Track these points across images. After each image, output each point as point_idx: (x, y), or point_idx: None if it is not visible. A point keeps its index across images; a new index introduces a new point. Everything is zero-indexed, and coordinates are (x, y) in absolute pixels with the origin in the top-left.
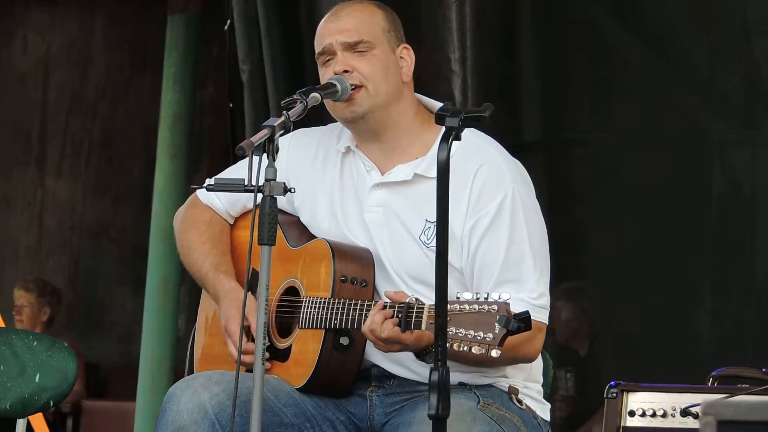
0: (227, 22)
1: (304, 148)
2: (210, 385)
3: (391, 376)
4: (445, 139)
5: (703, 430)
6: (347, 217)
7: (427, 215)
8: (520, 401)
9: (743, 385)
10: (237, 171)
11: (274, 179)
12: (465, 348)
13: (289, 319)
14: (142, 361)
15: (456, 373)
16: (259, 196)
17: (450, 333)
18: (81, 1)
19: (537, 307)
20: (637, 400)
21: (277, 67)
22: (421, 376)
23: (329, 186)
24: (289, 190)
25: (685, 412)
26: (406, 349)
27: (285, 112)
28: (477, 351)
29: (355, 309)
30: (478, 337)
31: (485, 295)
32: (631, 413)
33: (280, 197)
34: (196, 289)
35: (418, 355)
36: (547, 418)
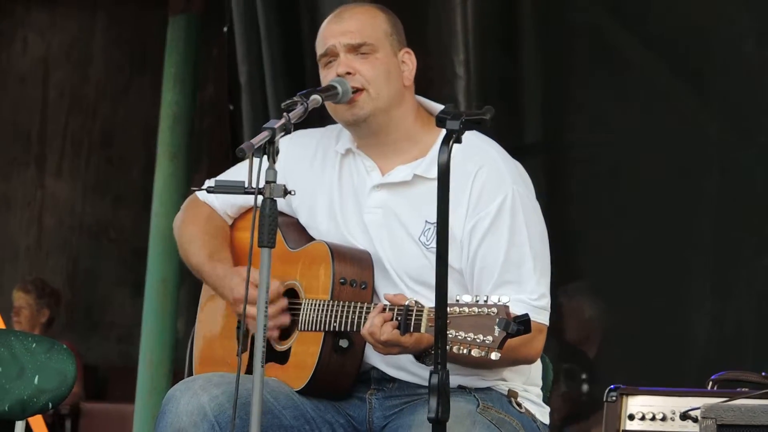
0: (227, 24)
1: (303, 148)
2: (209, 387)
3: (391, 379)
4: (446, 142)
5: None
6: (346, 218)
7: (427, 216)
8: (519, 404)
9: (743, 389)
10: (237, 173)
11: (275, 181)
12: (464, 351)
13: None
14: (141, 363)
15: (455, 376)
16: (259, 198)
17: (449, 336)
18: (81, 2)
19: (537, 309)
20: (637, 404)
21: (277, 69)
22: (421, 378)
23: (328, 187)
24: (290, 193)
25: (684, 416)
26: (405, 351)
27: (285, 114)
28: (476, 354)
29: (354, 311)
30: (478, 340)
31: (485, 298)
32: (631, 417)
33: (280, 199)
34: (196, 291)
35: (418, 357)
36: (547, 421)
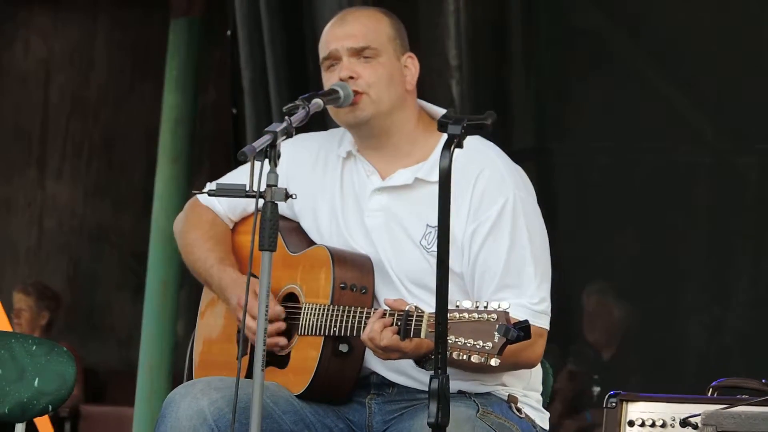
0: (230, 28)
1: (305, 153)
2: (209, 391)
3: (391, 384)
4: (447, 146)
5: None
6: (348, 221)
7: (428, 220)
8: (519, 410)
9: (743, 396)
10: (238, 176)
11: (276, 185)
12: (464, 356)
13: (288, 326)
14: (141, 366)
15: (455, 381)
16: (260, 202)
17: (449, 341)
18: (83, 4)
19: (538, 313)
20: (637, 410)
21: (280, 73)
22: (421, 383)
23: (330, 191)
24: (291, 196)
25: (684, 423)
26: (405, 356)
27: (287, 117)
28: (476, 360)
29: (354, 316)
30: (477, 346)
31: (485, 304)
32: (631, 423)
33: (281, 202)
34: (196, 294)
35: (418, 362)
36: (546, 426)
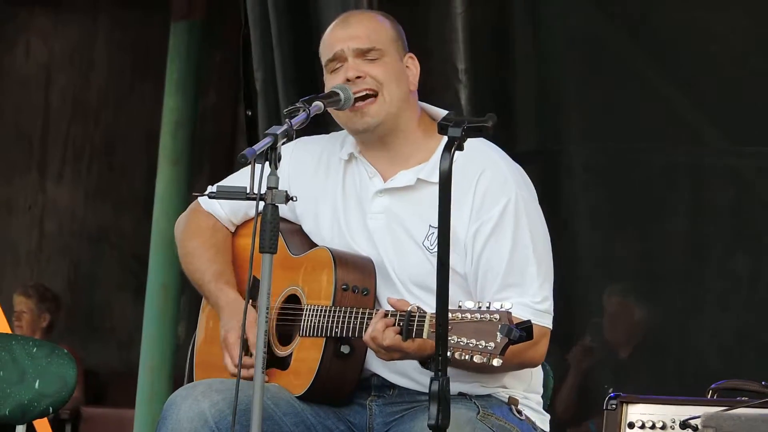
0: (243, 29)
1: (307, 156)
2: (210, 393)
3: (391, 386)
4: (448, 149)
5: None
6: (350, 224)
7: (431, 221)
8: (519, 412)
9: (743, 398)
10: (239, 178)
11: (276, 187)
12: (466, 357)
13: (289, 328)
14: (141, 368)
15: (456, 383)
16: (261, 204)
17: (452, 342)
18: (84, 7)
19: (540, 312)
20: (637, 412)
21: (288, 75)
22: (422, 385)
23: (332, 193)
24: (291, 199)
25: (684, 425)
26: (407, 357)
27: (288, 120)
28: (478, 360)
29: (356, 317)
30: (480, 346)
31: (487, 304)
32: (631, 425)
33: (282, 205)
34: (197, 297)
35: (423, 363)
36: (547, 428)
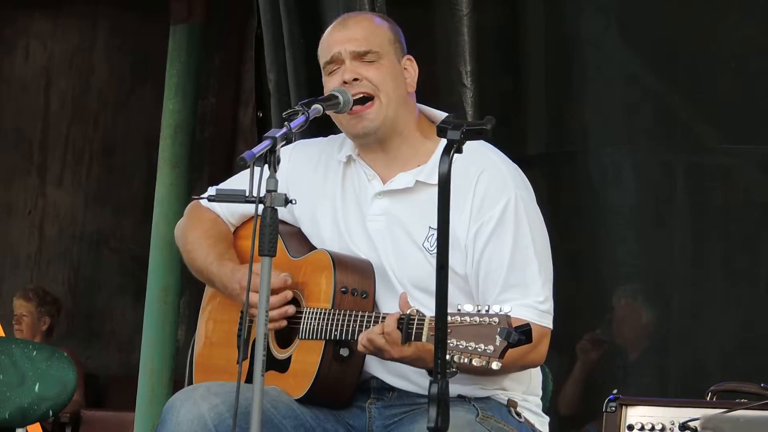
0: (257, 30)
1: (306, 158)
2: (209, 397)
3: (391, 389)
4: (447, 152)
5: None
6: (349, 226)
7: (431, 222)
8: (518, 414)
9: (742, 400)
10: (238, 181)
11: (275, 190)
12: (465, 360)
13: (289, 330)
14: (141, 371)
15: (455, 386)
16: (260, 207)
17: (451, 345)
18: (83, 10)
19: (542, 312)
20: (636, 414)
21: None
22: (421, 387)
23: (331, 196)
24: (290, 201)
25: (683, 427)
26: (404, 360)
27: (286, 123)
28: (477, 363)
29: (355, 320)
30: (479, 349)
31: (486, 308)
32: (630, 427)
33: (282, 208)
34: (196, 300)
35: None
36: (546, 431)
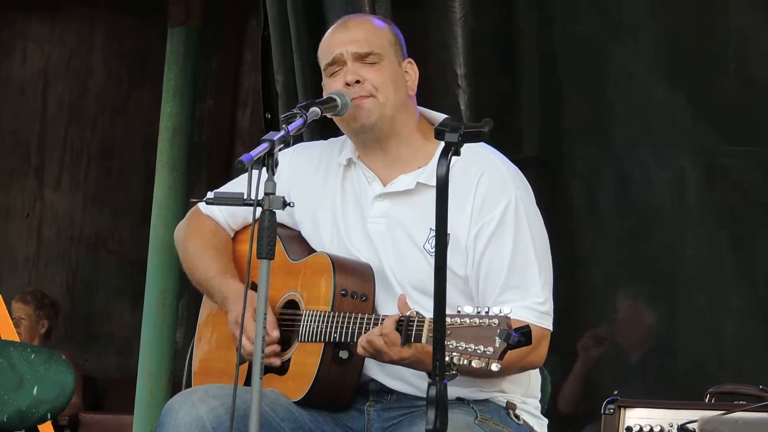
0: (264, 31)
1: (306, 161)
2: (208, 399)
3: (389, 391)
4: (445, 154)
5: None
6: (349, 229)
7: (431, 224)
8: (517, 416)
9: (740, 402)
10: (237, 185)
11: (274, 193)
12: (465, 361)
13: (288, 333)
14: (140, 374)
15: (454, 388)
16: (259, 210)
17: (450, 346)
18: (81, 14)
19: (542, 314)
20: (634, 416)
21: (307, 78)
22: (420, 390)
23: (331, 198)
24: (289, 204)
25: (682, 429)
26: (403, 362)
27: (284, 126)
28: (476, 364)
29: (354, 323)
30: (478, 351)
31: (486, 309)
32: (629, 429)
33: (281, 211)
34: (195, 303)
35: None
36: None
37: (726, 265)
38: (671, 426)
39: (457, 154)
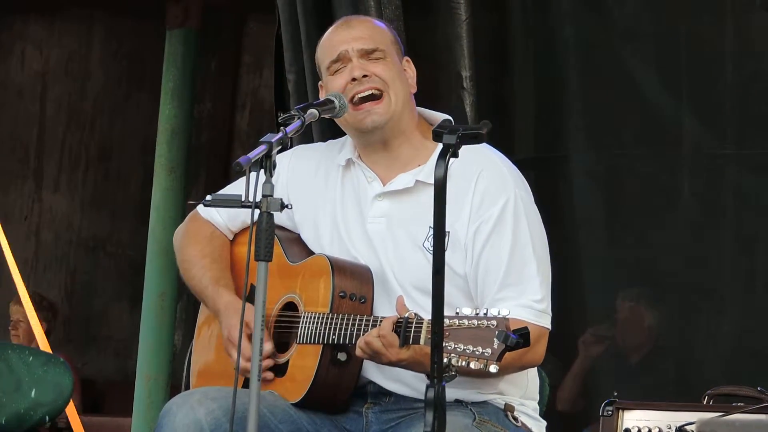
0: (277, 30)
1: (305, 163)
2: (206, 401)
3: (387, 393)
4: (443, 156)
5: None
6: (349, 229)
7: (431, 222)
8: (515, 418)
9: (738, 404)
10: (237, 187)
11: (272, 195)
12: (463, 363)
13: (287, 335)
14: (138, 377)
15: (452, 390)
16: (257, 212)
17: (448, 348)
18: (79, 16)
19: (540, 312)
20: (633, 418)
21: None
22: (418, 392)
23: (331, 200)
24: (287, 206)
25: (680, 430)
26: (401, 363)
27: (282, 128)
28: (474, 366)
29: (353, 325)
30: (477, 352)
31: (484, 311)
32: (627, 431)
33: (280, 214)
34: (193, 305)
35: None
36: None
37: (725, 267)
38: (669, 428)
39: (455, 155)
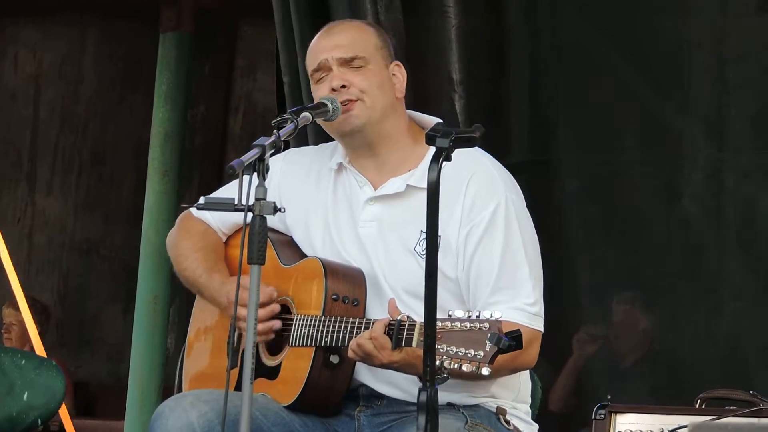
0: (276, 32)
1: (297, 166)
2: (198, 404)
3: (380, 396)
4: (435, 159)
5: None
6: (341, 233)
7: (422, 226)
8: (507, 422)
9: (731, 407)
10: (229, 191)
11: (264, 198)
12: (455, 365)
13: (279, 337)
14: (131, 380)
15: (444, 393)
16: (249, 216)
17: (441, 350)
18: (72, 19)
19: (532, 315)
20: (625, 422)
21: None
22: (410, 395)
23: (322, 203)
24: (280, 210)
25: None
26: (392, 366)
27: (275, 131)
28: (467, 368)
29: (345, 327)
30: (469, 355)
31: (477, 313)
32: None
33: (272, 216)
34: (186, 308)
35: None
36: None
37: (719, 270)
38: (661, 431)
39: (448, 159)
